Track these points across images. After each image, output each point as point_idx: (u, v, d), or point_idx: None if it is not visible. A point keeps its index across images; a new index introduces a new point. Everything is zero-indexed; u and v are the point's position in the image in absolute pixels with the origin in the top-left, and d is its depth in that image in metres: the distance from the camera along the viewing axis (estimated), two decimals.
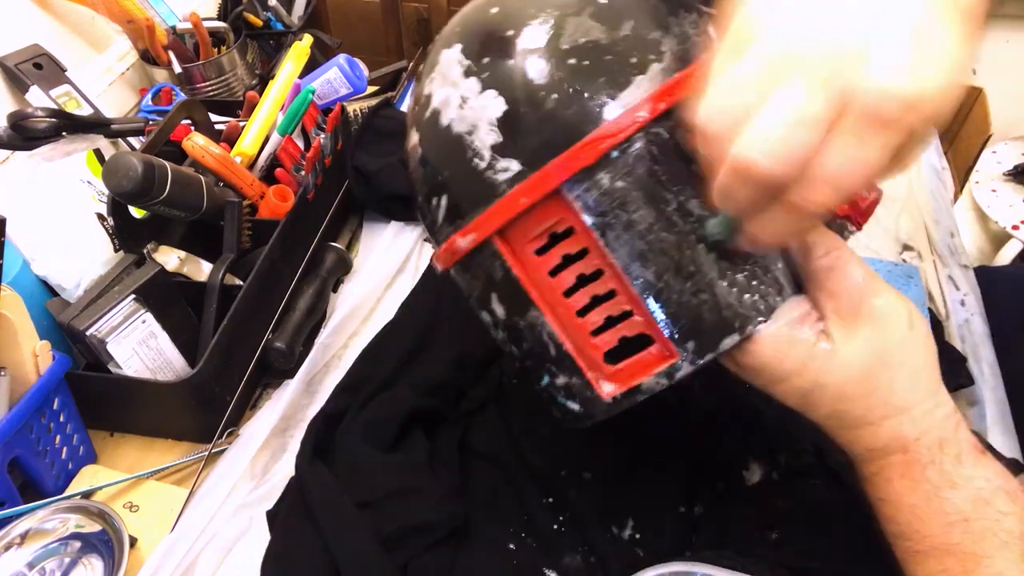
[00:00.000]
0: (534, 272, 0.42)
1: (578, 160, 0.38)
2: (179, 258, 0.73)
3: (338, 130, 0.82)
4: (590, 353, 0.42)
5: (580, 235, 0.40)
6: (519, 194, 0.39)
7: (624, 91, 0.38)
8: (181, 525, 0.57)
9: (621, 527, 0.55)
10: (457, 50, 0.42)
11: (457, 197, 0.43)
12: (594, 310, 0.41)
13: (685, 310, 0.39)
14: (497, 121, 0.40)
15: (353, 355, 0.69)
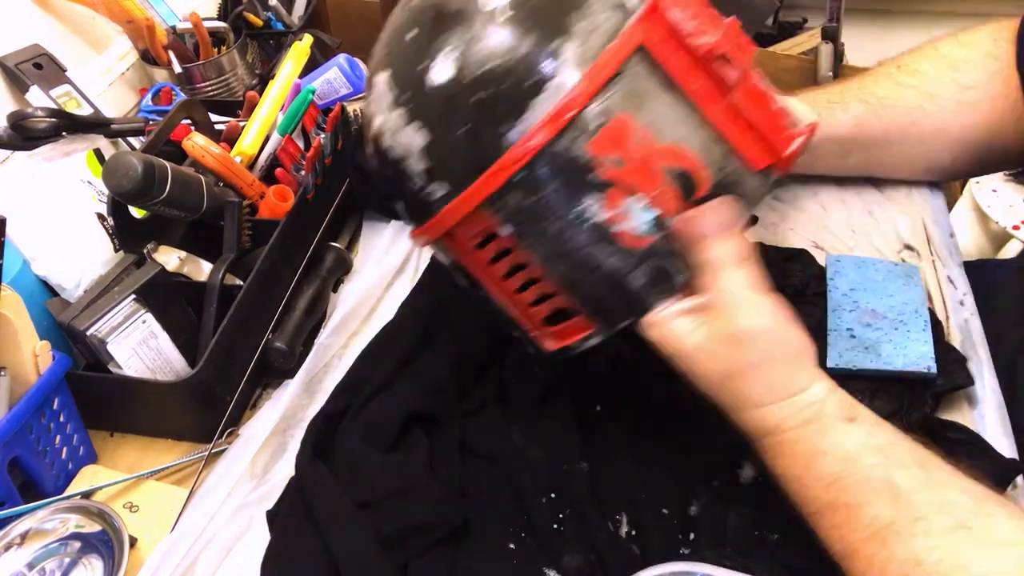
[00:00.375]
0: (477, 263, 0.50)
1: (488, 187, 0.44)
2: (179, 258, 0.73)
3: (338, 130, 0.82)
4: (532, 319, 0.51)
5: (503, 239, 0.47)
6: (448, 213, 0.46)
7: (522, 116, 0.43)
8: (181, 525, 0.57)
9: (619, 524, 0.55)
10: (386, 76, 0.47)
11: (406, 207, 0.52)
12: (529, 289, 0.49)
13: (593, 296, 0.48)
14: (422, 150, 0.46)
15: (353, 355, 0.69)
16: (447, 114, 0.45)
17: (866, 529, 0.41)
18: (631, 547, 0.54)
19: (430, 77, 0.45)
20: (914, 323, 0.61)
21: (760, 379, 0.45)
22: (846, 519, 0.43)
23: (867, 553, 0.41)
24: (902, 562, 0.40)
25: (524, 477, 0.58)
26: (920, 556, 0.39)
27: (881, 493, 0.42)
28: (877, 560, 0.41)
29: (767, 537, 0.52)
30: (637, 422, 0.61)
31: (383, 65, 0.48)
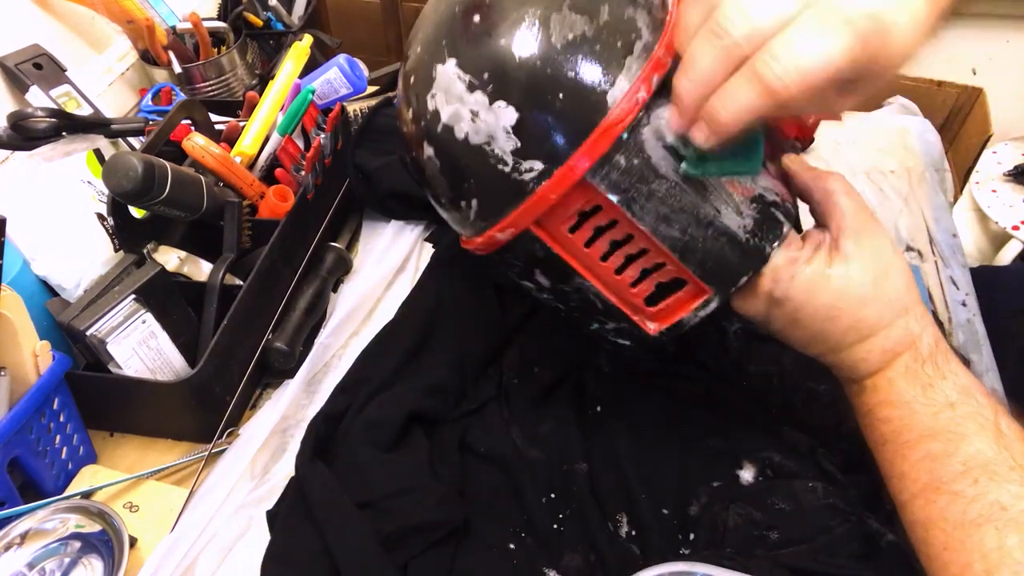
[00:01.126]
0: (572, 247, 0.47)
1: (594, 150, 0.43)
2: (179, 258, 0.73)
3: (338, 130, 0.82)
4: (632, 301, 0.48)
5: (608, 210, 0.45)
6: (547, 191, 0.44)
7: (620, 75, 0.42)
8: (181, 525, 0.57)
9: (619, 524, 0.55)
10: (453, 65, 0.45)
11: (487, 199, 0.47)
12: (629, 266, 0.47)
13: (710, 254, 0.45)
14: (512, 128, 0.44)
15: (353, 355, 0.69)
16: (538, 86, 0.43)
17: (962, 464, 0.41)
18: (631, 547, 0.54)
19: (511, 54, 0.43)
20: None
21: (891, 289, 0.45)
22: (944, 451, 0.42)
23: (955, 489, 0.41)
24: (990, 503, 0.39)
25: (524, 477, 0.58)
26: (1007, 502, 0.39)
27: (987, 430, 0.42)
28: (963, 496, 0.40)
29: (767, 537, 0.52)
30: (637, 422, 0.61)
31: (443, 56, 0.45)
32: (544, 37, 0.43)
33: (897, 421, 0.45)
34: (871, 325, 0.46)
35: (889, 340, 0.46)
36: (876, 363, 0.46)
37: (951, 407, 0.43)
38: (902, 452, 0.44)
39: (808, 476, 0.56)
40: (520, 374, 0.66)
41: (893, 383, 0.46)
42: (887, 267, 0.46)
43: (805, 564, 0.50)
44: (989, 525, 0.39)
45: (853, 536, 0.51)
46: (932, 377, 0.44)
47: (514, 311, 0.71)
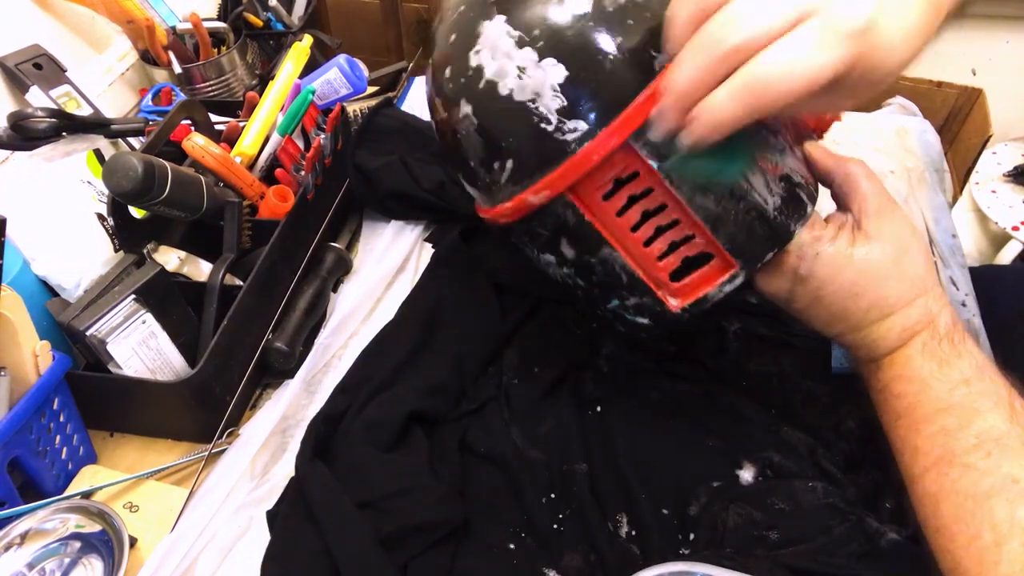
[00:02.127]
0: (604, 215, 0.47)
1: (642, 114, 0.42)
2: (179, 258, 0.73)
3: (338, 130, 0.82)
4: (657, 275, 0.49)
5: (645, 178, 0.45)
6: (590, 151, 0.44)
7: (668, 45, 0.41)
8: (181, 525, 0.57)
9: (619, 524, 0.55)
10: (502, 21, 0.44)
11: (524, 159, 0.46)
12: (659, 239, 0.47)
13: (741, 228, 0.46)
14: (559, 87, 0.43)
15: (353, 355, 0.69)
16: (589, 45, 0.43)
17: (976, 437, 0.42)
18: (631, 547, 0.54)
19: (563, 10, 0.43)
20: None
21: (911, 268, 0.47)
22: (957, 425, 0.43)
23: (967, 462, 0.42)
24: (1002, 476, 0.40)
25: (524, 477, 0.58)
26: (1018, 475, 0.40)
27: (1001, 406, 0.43)
28: (975, 470, 0.41)
29: (767, 537, 0.52)
30: (637, 422, 0.61)
31: (491, 12, 0.45)
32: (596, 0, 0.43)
33: (912, 396, 0.46)
34: (892, 303, 0.47)
35: (910, 318, 0.47)
36: (896, 341, 0.48)
37: (966, 383, 0.44)
38: (916, 427, 0.45)
39: (808, 476, 0.56)
40: (520, 374, 0.66)
41: (911, 359, 0.47)
42: (907, 247, 0.47)
43: (805, 564, 0.50)
44: (1000, 497, 0.40)
45: (853, 536, 0.51)
46: (948, 355, 0.46)
47: (514, 311, 0.71)
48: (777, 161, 0.47)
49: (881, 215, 0.48)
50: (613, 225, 0.47)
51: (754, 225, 0.46)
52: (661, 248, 0.48)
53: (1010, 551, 0.38)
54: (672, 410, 0.62)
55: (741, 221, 0.46)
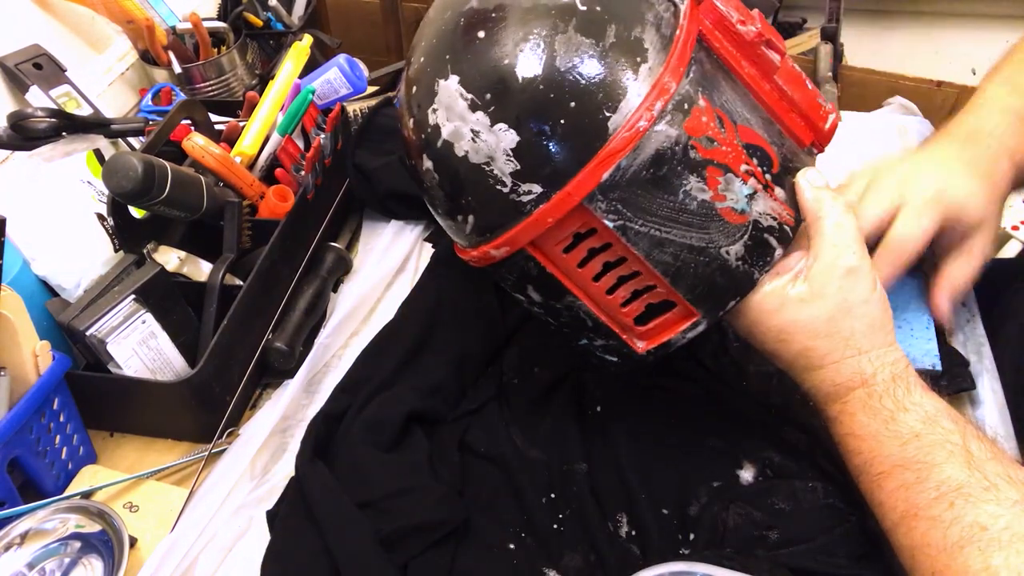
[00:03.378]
0: (565, 266, 0.48)
1: (593, 176, 0.43)
2: (179, 258, 0.73)
3: (338, 130, 0.82)
4: (622, 320, 0.49)
5: (603, 234, 0.45)
6: (545, 214, 0.44)
7: (622, 102, 0.42)
8: (181, 525, 0.57)
9: (619, 524, 0.55)
10: (455, 82, 0.44)
11: (484, 216, 0.47)
12: (621, 287, 0.48)
13: (700, 279, 0.46)
14: (512, 151, 0.43)
15: (353, 355, 0.69)
16: (540, 110, 0.43)
17: (935, 490, 0.42)
18: (631, 547, 0.54)
19: (515, 75, 0.43)
20: (917, 321, 0.62)
21: (846, 329, 0.47)
22: (916, 479, 0.43)
23: (932, 515, 0.42)
24: (968, 526, 0.40)
25: (524, 477, 0.58)
26: (986, 522, 0.40)
27: (956, 456, 0.42)
28: (941, 522, 0.41)
29: (767, 537, 0.52)
30: (637, 422, 0.61)
31: (446, 71, 0.45)
32: (548, 59, 0.42)
33: (867, 453, 0.46)
34: (820, 356, 0.47)
35: (840, 375, 0.47)
36: (829, 392, 0.48)
37: (917, 437, 0.44)
38: (877, 482, 0.45)
39: (808, 476, 0.56)
40: (520, 374, 0.66)
41: (854, 416, 0.47)
42: (850, 309, 0.47)
43: (805, 564, 0.50)
44: (972, 546, 0.39)
45: (853, 536, 0.51)
46: (893, 411, 0.45)
47: (514, 311, 0.70)
48: (744, 208, 0.46)
49: (831, 272, 0.47)
50: (575, 275, 0.48)
51: (714, 276, 0.46)
52: (624, 296, 0.48)
53: None
54: (672, 410, 0.62)
55: (701, 273, 0.46)
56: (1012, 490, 0.40)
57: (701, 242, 0.45)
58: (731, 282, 0.47)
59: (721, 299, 0.47)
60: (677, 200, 0.44)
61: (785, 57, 0.48)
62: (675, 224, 0.45)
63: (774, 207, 0.47)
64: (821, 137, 0.51)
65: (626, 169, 0.43)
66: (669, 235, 0.45)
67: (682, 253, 0.46)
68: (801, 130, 0.50)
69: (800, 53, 1.24)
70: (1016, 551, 0.38)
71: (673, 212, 0.44)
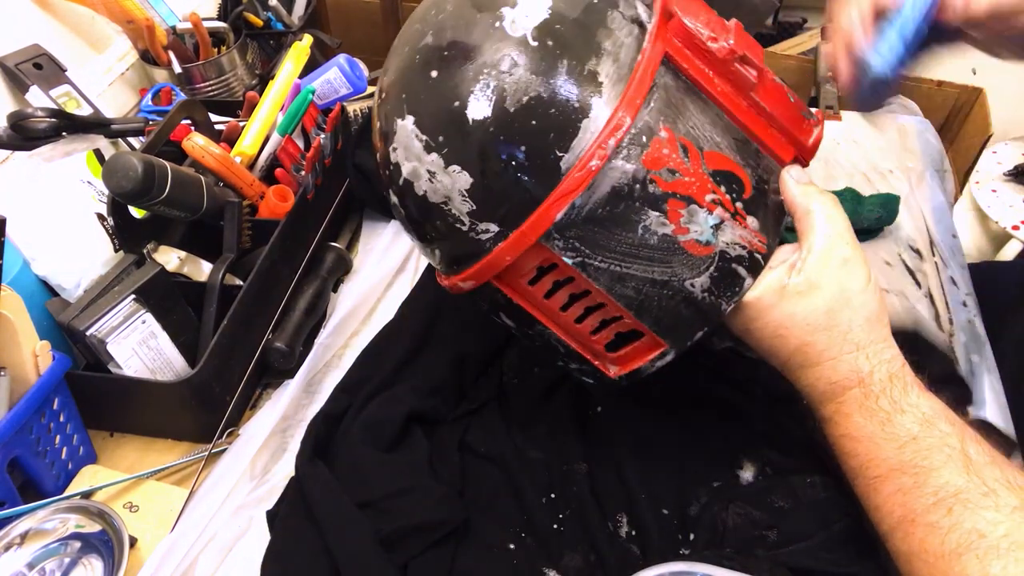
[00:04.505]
0: (532, 298, 0.48)
1: (547, 217, 0.43)
2: (179, 258, 0.73)
3: (338, 130, 0.82)
4: (592, 347, 0.49)
5: (564, 268, 0.45)
6: (503, 252, 0.44)
7: (574, 140, 0.42)
8: (181, 525, 0.57)
9: (619, 524, 0.55)
10: (411, 123, 0.44)
11: (449, 252, 0.48)
12: (589, 316, 0.48)
13: (666, 312, 0.46)
14: (467, 192, 0.43)
15: (353, 355, 0.69)
16: (491, 152, 0.42)
17: (933, 495, 0.41)
18: (631, 547, 0.54)
19: (465, 117, 0.42)
20: None
21: (844, 323, 0.45)
22: (914, 484, 0.42)
23: (929, 520, 0.41)
24: (967, 532, 0.39)
25: (524, 477, 0.58)
26: (984, 529, 0.39)
27: (954, 460, 0.42)
28: (939, 528, 0.40)
29: (767, 537, 0.52)
30: (637, 422, 0.61)
31: (403, 111, 0.45)
32: (498, 100, 0.42)
33: (863, 455, 0.45)
34: (818, 352, 0.46)
35: (837, 372, 0.46)
36: (824, 392, 0.47)
37: (914, 440, 0.43)
38: (873, 486, 0.45)
39: (807, 470, 0.56)
40: (520, 374, 0.66)
41: (850, 417, 0.46)
42: (848, 300, 0.45)
43: (805, 563, 0.50)
44: (970, 554, 0.39)
45: (852, 532, 0.51)
46: (889, 412, 0.44)
47: None
48: (709, 240, 0.44)
49: (827, 262, 0.45)
50: (542, 306, 0.48)
51: (679, 308, 0.46)
52: (593, 325, 0.48)
53: None
54: (672, 410, 0.62)
55: (665, 306, 0.45)
56: (1011, 496, 0.40)
57: (664, 276, 0.45)
58: (697, 314, 0.46)
59: (688, 331, 0.47)
60: (636, 236, 0.43)
61: (764, 71, 0.46)
62: (635, 259, 0.44)
63: (743, 235, 0.46)
64: (804, 152, 0.50)
65: (581, 208, 0.42)
66: (630, 270, 0.44)
67: (644, 287, 0.45)
68: (781, 147, 0.48)
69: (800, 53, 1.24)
70: (1015, 559, 0.38)
71: (632, 248, 0.44)
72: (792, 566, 0.49)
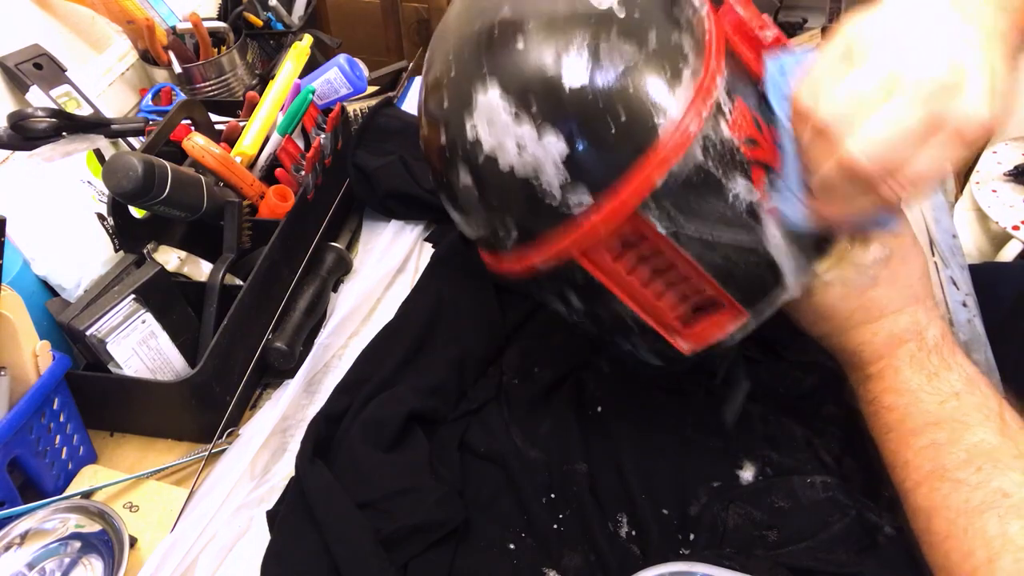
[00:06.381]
0: (613, 275, 0.47)
1: (646, 181, 0.42)
2: (179, 258, 0.73)
3: (338, 130, 0.82)
4: (668, 323, 0.49)
5: (653, 240, 0.44)
6: (597, 224, 0.43)
7: (670, 107, 0.42)
8: (181, 525, 0.57)
9: (619, 524, 0.55)
10: (497, 95, 0.43)
11: (530, 229, 0.46)
12: (669, 291, 0.48)
13: (750, 280, 0.46)
14: (561, 159, 0.42)
15: (353, 355, 0.69)
16: (590, 119, 0.41)
17: (966, 452, 0.42)
18: (631, 547, 0.54)
19: (561, 85, 0.41)
20: None
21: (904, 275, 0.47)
22: (948, 439, 0.43)
23: (957, 476, 0.42)
24: (992, 491, 0.40)
25: (524, 477, 0.58)
26: (1009, 489, 0.40)
27: (992, 420, 0.43)
28: (966, 484, 0.41)
29: (767, 537, 0.52)
30: (637, 422, 0.61)
31: (483, 81, 0.43)
32: (594, 67, 0.41)
33: (902, 409, 0.46)
34: (881, 307, 0.47)
35: (897, 325, 0.47)
36: (880, 348, 0.47)
37: (956, 396, 0.44)
38: (906, 440, 0.45)
39: (808, 470, 0.56)
40: (520, 374, 0.66)
41: (899, 371, 0.46)
42: (905, 255, 0.47)
43: (805, 563, 0.50)
44: (992, 512, 0.39)
45: (852, 531, 0.51)
46: (938, 367, 0.45)
47: (514, 311, 0.71)
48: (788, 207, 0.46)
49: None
50: (623, 283, 0.47)
51: (765, 276, 0.46)
52: (671, 300, 0.48)
53: (1003, 567, 0.38)
54: (672, 410, 0.62)
55: (751, 273, 0.46)
56: None
57: (752, 243, 0.45)
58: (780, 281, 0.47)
59: (772, 299, 0.47)
60: (727, 202, 0.44)
61: None
62: (726, 227, 0.44)
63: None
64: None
65: (678, 174, 0.42)
66: (720, 238, 0.44)
67: (732, 254, 0.45)
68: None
69: None
70: None
71: (723, 215, 0.44)
72: (792, 566, 0.49)
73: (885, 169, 0.38)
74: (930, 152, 0.38)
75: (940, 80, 0.37)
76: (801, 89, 0.42)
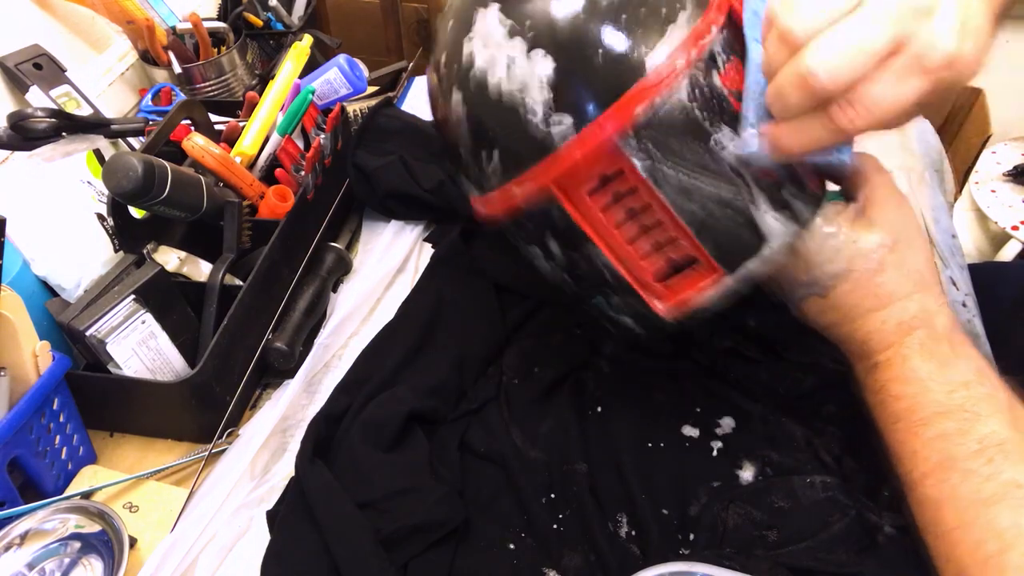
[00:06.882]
0: (588, 211, 0.46)
1: (627, 111, 0.42)
2: (179, 258, 0.73)
3: (338, 130, 0.82)
4: (641, 275, 0.48)
5: (630, 176, 0.44)
6: (574, 147, 0.43)
7: (660, 41, 0.42)
8: (181, 525, 0.57)
9: (619, 524, 0.55)
10: (495, 10, 0.44)
11: (510, 151, 0.46)
12: (643, 237, 0.47)
13: (726, 234, 0.45)
14: (547, 79, 0.43)
15: (353, 355, 0.69)
16: (580, 39, 0.42)
17: (977, 443, 0.41)
18: (631, 547, 0.54)
19: (559, 4, 0.43)
20: None
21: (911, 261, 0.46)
22: (957, 430, 0.42)
23: (968, 467, 0.41)
24: (1004, 482, 0.40)
25: (524, 477, 0.58)
26: (1022, 481, 0.39)
27: (1003, 411, 0.42)
28: (977, 475, 0.41)
29: (767, 537, 0.52)
30: (637, 422, 0.61)
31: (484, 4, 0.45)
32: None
33: (911, 399, 0.45)
34: (889, 293, 0.46)
35: (906, 312, 0.46)
36: (889, 335, 0.47)
37: (966, 386, 0.43)
38: (915, 430, 0.44)
39: (807, 470, 0.56)
40: (520, 374, 0.66)
41: (908, 359, 0.46)
42: (911, 241, 0.47)
43: (804, 563, 0.50)
44: (1003, 503, 0.39)
45: (852, 531, 0.51)
46: (947, 356, 0.45)
47: (514, 311, 0.71)
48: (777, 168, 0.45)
49: (887, 205, 0.47)
50: (596, 221, 0.47)
51: (742, 231, 0.45)
52: (645, 248, 0.47)
53: (1015, 558, 0.38)
54: (672, 410, 0.62)
55: (728, 226, 0.45)
56: None
57: (730, 194, 0.44)
58: (756, 239, 0.46)
59: (744, 255, 0.46)
60: (708, 147, 0.43)
61: None
62: (704, 172, 0.44)
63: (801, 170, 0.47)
64: None
65: (659, 107, 0.42)
66: (697, 183, 0.44)
67: (709, 203, 0.44)
68: None
69: None
70: None
71: (704, 162, 0.44)
72: (792, 566, 0.49)
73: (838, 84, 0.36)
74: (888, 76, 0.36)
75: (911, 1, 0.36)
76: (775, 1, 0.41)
